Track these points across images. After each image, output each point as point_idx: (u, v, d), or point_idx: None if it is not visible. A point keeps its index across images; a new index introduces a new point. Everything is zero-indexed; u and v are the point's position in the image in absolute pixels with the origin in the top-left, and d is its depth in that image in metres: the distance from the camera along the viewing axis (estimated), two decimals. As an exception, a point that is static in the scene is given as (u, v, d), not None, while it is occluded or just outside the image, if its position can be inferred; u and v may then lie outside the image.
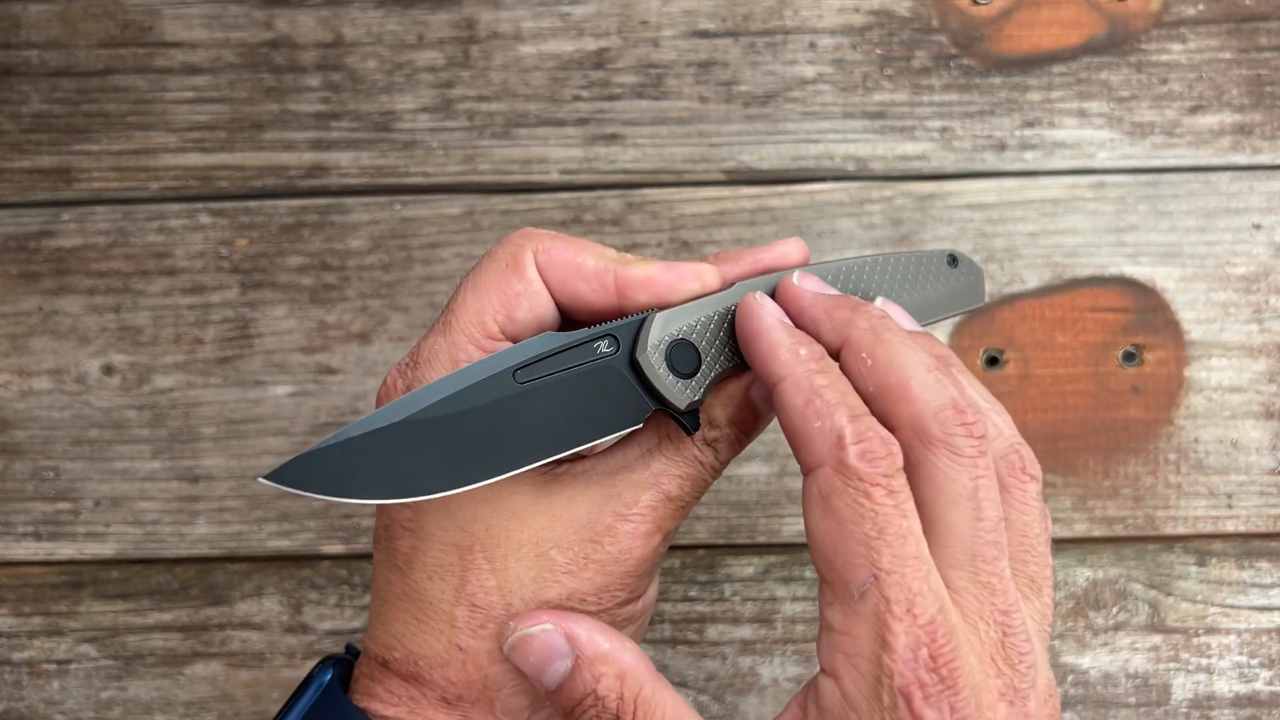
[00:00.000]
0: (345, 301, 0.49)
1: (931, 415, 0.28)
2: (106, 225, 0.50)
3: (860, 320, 0.30)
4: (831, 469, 0.28)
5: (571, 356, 0.31)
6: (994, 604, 0.28)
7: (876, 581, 0.27)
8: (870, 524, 0.27)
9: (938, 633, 0.26)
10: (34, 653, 0.49)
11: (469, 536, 0.32)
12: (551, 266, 0.32)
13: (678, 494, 0.32)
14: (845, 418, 0.28)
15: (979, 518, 0.28)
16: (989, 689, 0.27)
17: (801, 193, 0.49)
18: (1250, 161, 0.49)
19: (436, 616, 0.32)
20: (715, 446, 0.32)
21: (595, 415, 0.31)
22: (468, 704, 0.32)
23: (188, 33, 0.50)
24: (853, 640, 0.27)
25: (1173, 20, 0.49)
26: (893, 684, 0.26)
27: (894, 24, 0.49)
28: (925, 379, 0.29)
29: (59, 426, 0.49)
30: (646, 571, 0.32)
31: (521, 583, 0.31)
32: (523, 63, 0.49)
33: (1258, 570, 0.48)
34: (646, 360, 0.31)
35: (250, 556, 0.49)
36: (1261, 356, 0.48)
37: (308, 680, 0.34)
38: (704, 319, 0.32)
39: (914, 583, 0.27)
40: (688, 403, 0.31)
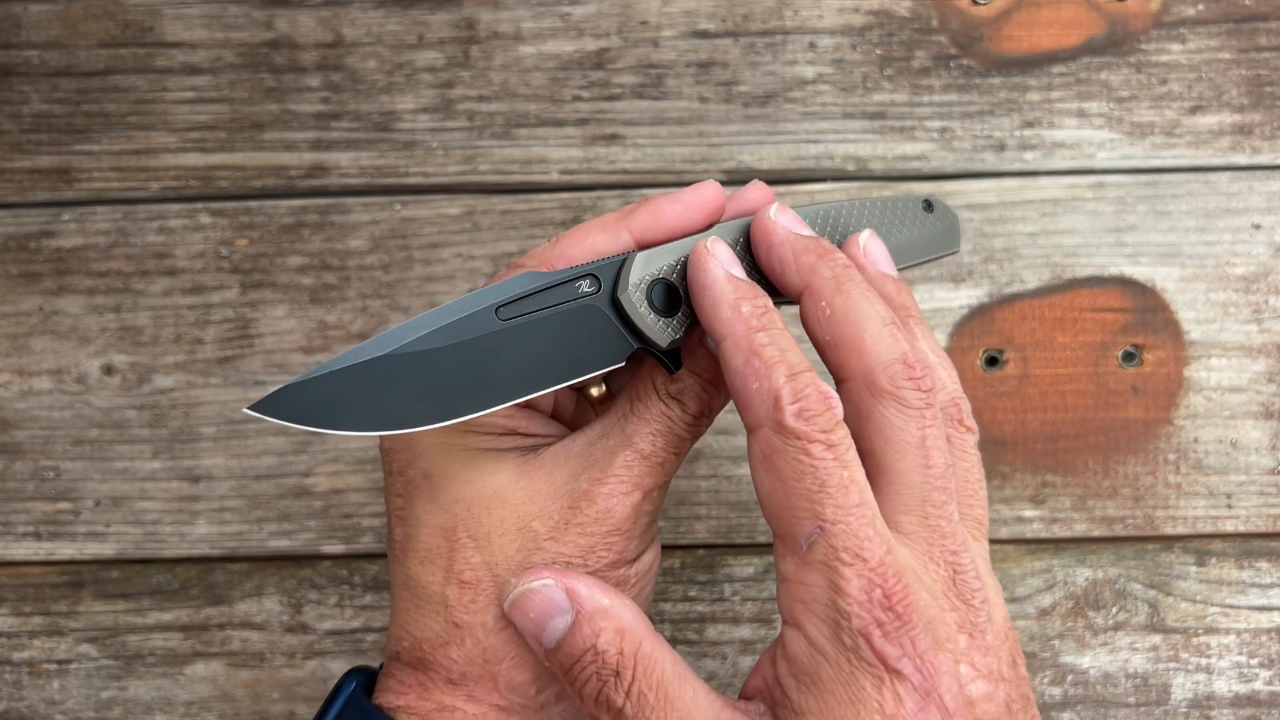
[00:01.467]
0: (345, 301, 0.49)
1: (881, 369, 0.29)
2: (107, 225, 0.50)
3: (824, 268, 0.31)
4: (770, 429, 0.28)
5: (553, 295, 0.31)
6: (944, 545, 0.29)
7: (822, 532, 0.27)
8: (811, 479, 0.28)
9: (888, 573, 0.27)
10: (34, 652, 0.49)
11: (452, 518, 0.32)
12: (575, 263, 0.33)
13: (650, 450, 0.32)
14: (783, 377, 0.28)
15: (927, 465, 0.29)
16: (945, 622, 0.28)
17: (801, 193, 0.49)
18: (1250, 161, 0.49)
19: (431, 599, 0.33)
20: (680, 399, 0.33)
21: (578, 353, 0.31)
22: (471, 681, 0.32)
23: (188, 33, 0.50)
24: (808, 589, 0.28)
25: (1172, 20, 0.49)
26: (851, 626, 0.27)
27: (894, 24, 0.49)
28: (879, 333, 0.29)
29: (59, 426, 0.49)
30: (630, 531, 0.32)
31: (506, 555, 0.32)
32: (523, 63, 0.49)
33: (1257, 570, 0.48)
34: (628, 299, 0.31)
35: (250, 556, 0.49)
36: (1261, 356, 0.48)
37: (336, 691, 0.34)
38: (684, 259, 0.32)
39: (859, 528, 0.27)
40: (669, 340, 0.32)
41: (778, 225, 0.32)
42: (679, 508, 0.49)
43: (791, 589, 0.28)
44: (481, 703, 0.32)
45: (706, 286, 0.30)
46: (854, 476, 0.28)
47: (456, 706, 0.32)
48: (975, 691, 0.27)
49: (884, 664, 0.27)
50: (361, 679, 0.35)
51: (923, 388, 0.29)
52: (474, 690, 0.32)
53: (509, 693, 0.32)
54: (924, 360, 0.30)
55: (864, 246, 0.34)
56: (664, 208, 0.33)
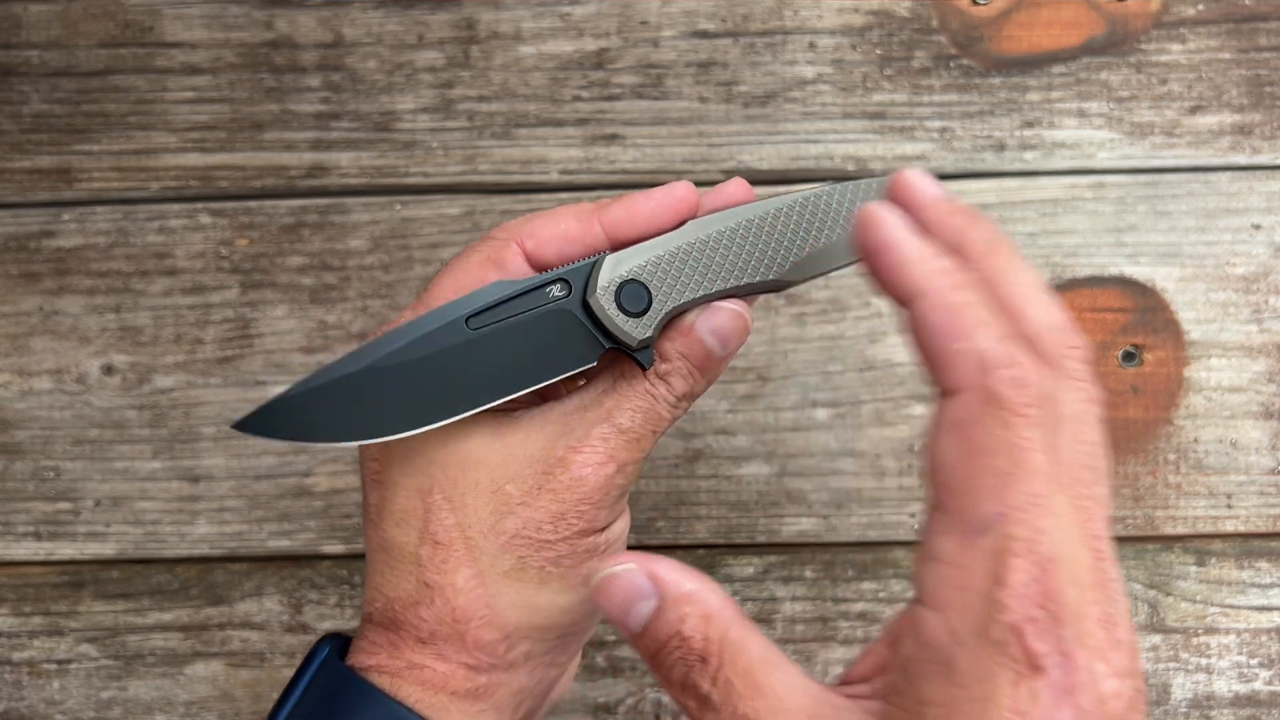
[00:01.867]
0: (345, 301, 0.49)
1: (1047, 334, 0.27)
2: (107, 225, 0.50)
3: (974, 231, 0.29)
4: (975, 395, 0.26)
5: (524, 302, 0.32)
6: (1089, 529, 0.27)
7: (1003, 518, 0.25)
8: (1006, 457, 0.26)
9: (1051, 570, 0.25)
10: (34, 652, 0.49)
11: (428, 480, 0.33)
12: (543, 247, 0.33)
13: (629, 426, 0.33)
14: (992, 340, 0.26)
15: (1080, 440, 0.27)
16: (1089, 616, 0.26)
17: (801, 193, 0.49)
18: (1250, 162, 0.49)
19: (405, 560, 0.33)
20: (667, 380, 0.33)
21: (550, 357, 0.32)
22: (440, 640, 0.33)
23: (188, 33, 0.50)
24: (965, 573, 0.26)
25: (1172, 20, 0.49)
26: (1004, 619, 0.25)
27: (894, 24, 0.49)
28: (1040, 298, 0.28)
29: (59, 426, 0.49)
30: (601, 501, 0.33)
31: (480, 517, 0.33)
32: (523, 63, 0.49)
33: (1257, 570, 0.48)
34: (596, 301, 0.32)
35: (250, 556, 0.49)
36: (1261, 356, 0.48)
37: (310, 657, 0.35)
38: (654, 258, 0.33)
39: (1040, 520, 0.25)
40: (639, 340, 0.32)
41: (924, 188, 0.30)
42: (679, 508, 0.49)
43: (944, 571, 0.26)
44: (450, 661, 0.33)
45: (893, 243, 0.28)
46: (1045, 462, 0.26)
47: (426, 664, 0.33)
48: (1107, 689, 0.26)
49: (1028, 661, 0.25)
50: (335, 644, 0.35)
51: (1084, 358, 0.28)
52: (443, 649, 0.33)
53: (477, 651, 0.33)
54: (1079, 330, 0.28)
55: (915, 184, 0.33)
56: (638, 204, 0.34)
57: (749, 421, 0.49)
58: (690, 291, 0.33)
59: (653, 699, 0.48)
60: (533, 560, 0.33)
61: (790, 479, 0.49)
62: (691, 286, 0.33)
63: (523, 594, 0.33)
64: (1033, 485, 0.26)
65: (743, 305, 0.34)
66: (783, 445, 0.49)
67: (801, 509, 0.49)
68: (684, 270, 0.33)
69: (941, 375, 0.27)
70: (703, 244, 0.33)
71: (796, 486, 0.49)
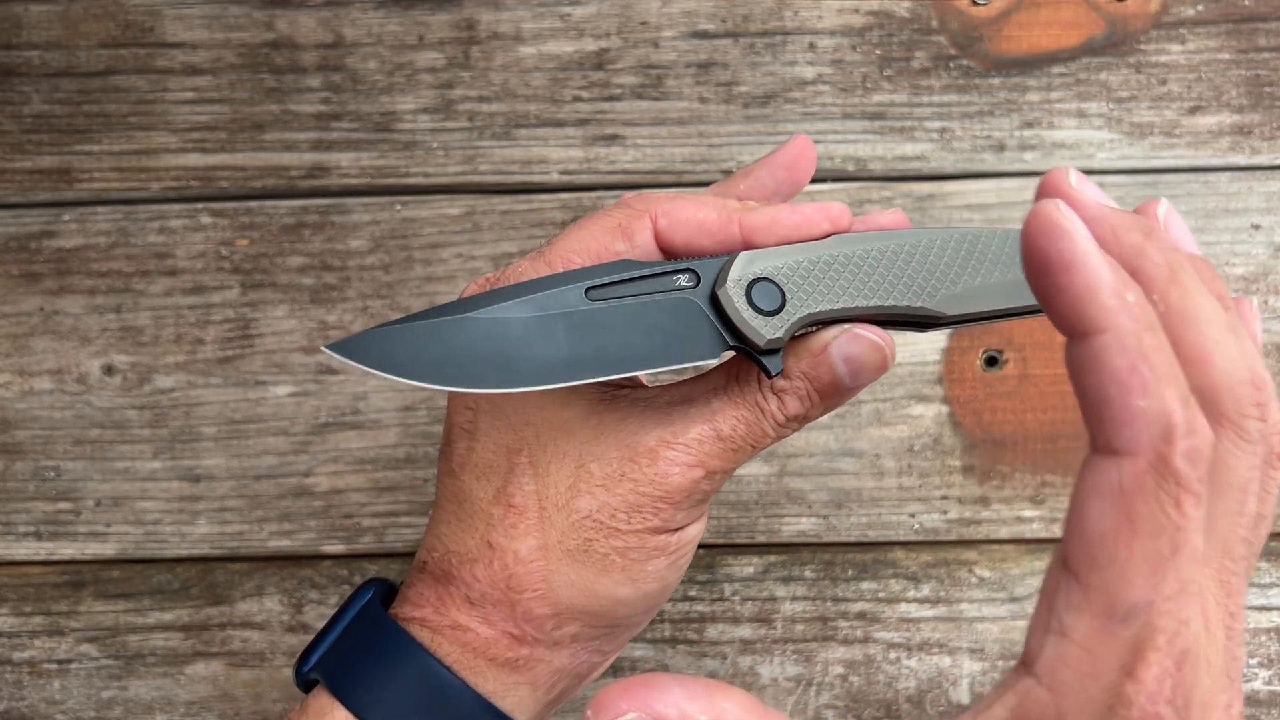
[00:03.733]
0: (346, 302, 0.49)
1: (1228, 390, 0.24)
2: (107, 225, 0.50)
3: (1155, 252, 0.25)
4: (1148, 464, 0.22)
5: (648, 285, 0.30)
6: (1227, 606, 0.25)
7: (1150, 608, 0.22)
8: (1168, 541, 0.22)
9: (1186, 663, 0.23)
10: (35, 652, 0.49)
11: (520, 440, 0.32)
12: (675, 229, 0.32)
13: (729, 434, 0.31)
14: (1178, 401, 0.22)
15: (1240, 512, 0.25)
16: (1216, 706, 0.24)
17: (801, 194, 0.49)
18: (1249, 162, 0.49)
19: (475, 514, 0.33)
20: (781, 396, 0.31)
21: (666, 344, 0.30)
22: (490, 604, 0.32)
23: (189, 33, 0.50)
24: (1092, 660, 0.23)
25: (1171, 21, 0.49)
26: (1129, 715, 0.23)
27: (893, 25, 0.49)
28: (1225, 340, 0.24)
29: (60, 426, 0.49)
30: (681, 503, 0.32)
31: (558, 489, 0.32)
32: (523, 63, 0.50)
33: (1257, 570, 0.48)
34: (726, 294, 0.30)
35: (251, 556, 0.49)
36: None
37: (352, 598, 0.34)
38: (792, 264, 0.30)
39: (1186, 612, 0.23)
40: (768, 340, 0.30)
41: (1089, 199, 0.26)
42: (679, 508, 0.49)
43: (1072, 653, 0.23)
44: (495, 627, 0.32)
45: (1078, 262, 0.23)
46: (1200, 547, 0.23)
47: (471, 627, 0.32)
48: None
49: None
50: (380, 588, 0.35)
51: (1266, 416, 0.24)
52: (490, 614, 0.32)
53: (524, 623, 0.32)
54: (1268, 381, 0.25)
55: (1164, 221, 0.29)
56: (783, 215, 0.32)
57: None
58: (829, 301, 0.30)
59: (653, 699, 0.48)
60: (599, 545, 0.32)
61: (790, 479, 0.49)
62: (831, 297, 0.30)
63: (582, 576, 0.32)
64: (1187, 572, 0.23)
65: (887, 339, 0.31)
66: (782, 445, 0.49)
67: (801, 509, 0.49)
68: (824, 279, 0.30)
69: (1109, 431, 0.23)
70: (847, 258, 0.31)
71: (796, 486, 0.49)
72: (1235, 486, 0.24)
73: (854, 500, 0.49)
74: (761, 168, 0.36)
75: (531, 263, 0.32)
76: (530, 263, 0.32)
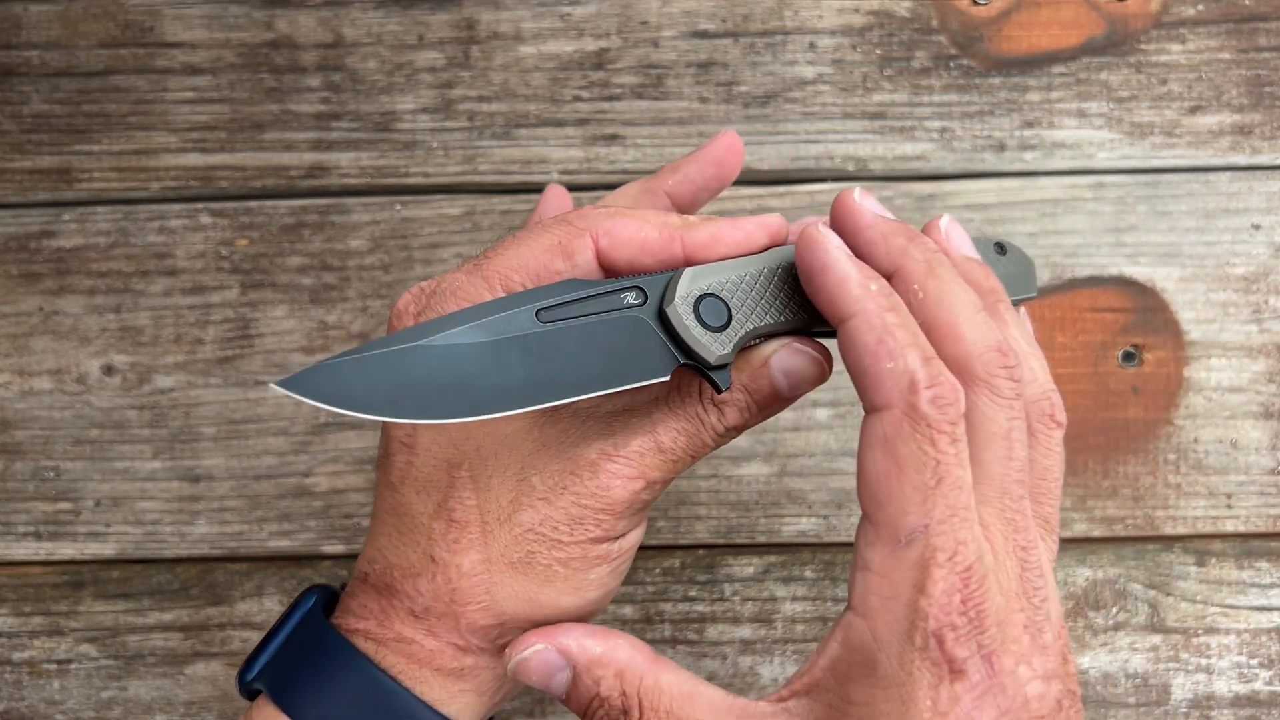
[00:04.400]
0: (345, 302, 0.49)
1: (977, 356, 0.29)
2: (107, 225, 0.50)
3: (915, 251, 0.30)
4: (901, 412, 0.27)
5: (597, 304, 0.30)
6: (1016, 540, 0.29)
7: (926, 531, 0.27)
8: (930, 472, 0.27)
9: (972, 578, 0.27)
10: (34, 652, 0.49)
11: (460, 454, 0.32)
12: (617, 248, 0.32)
13: (670, 446, 0.32)
14: (918, 360, 0.27)
15: (1010, 457, 0.29)
16: (1013, 623, 0.28)
17: (801, 193, 0.49)
18: (1249, 162, 0.49)
19: (416, 529, 0.33)
20: (721, 407, 0.32)
21: (618, 364, 0.30)
22: (434, 617, 0.33)
23: (188, 33, 0.50)
24: (890, 584, 0.27)
25: (1172, 21, 0.49)
26: (927, 626, 0.27)
27: (894, 24, 0.49)
28: (974, 318, 0.29)
29: (59, 426, 0.49)
30: (623, 514, 0.32)
31: (500, 504, 0.32)
32: (523, 63, 0.50)
33: (1257, 570, 0.48)
34: (674, 311, 0.30)
35: (251, 556, 0.49)
36: (1261, 357, 0.48)
37: (293, 607, 0.35)
38: (735, 278, 0.31)
39: (961, 531, 0.27)
40: (718, 357, 0.30)
41: (864, 210, 0.31)
42: (679, 508, 0.49)
43: (872, 580, 0.28)
44: (440, 639, 0.33)
45: (829, 265, 0.29)
46: (966, 477, 0.28)
47: (415, 639, 0.33)
48: (1031, 691, 0.27)
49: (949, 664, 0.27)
50: (322, 596, 0.35)
51: (1015, 377, 0.29)
52: (435, 626, 0.33)
53: (469, 634, 0.33)
54: (1015, 350, 0.30)
55: (945, 231, 0.34)
56: (725, 233, 0.32)
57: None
58: (772, 316, 0.31)
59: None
60: (542, 557, 0.32)
61: (790, 479, 0.49)
62: (774, 311, 0.31)
63: (525, 587, 0.32)
64: (955, 499, 0.27)
65: (825, 352, 0.33)
66: (782, 445, 0.49)
67: (801, 509, 0.49)
68: (765, 294, 0.31)
69: (869, 393, 0.28)
70: (787, 271, 0.32)
71: (796, 486, 0.49)
72: (999, 436, 0.29)
73: (854, 500, 0.49)
74: (689, 163, 0.38)
75: (468, 276, 0.32)
76: (466, 276, 0.32)
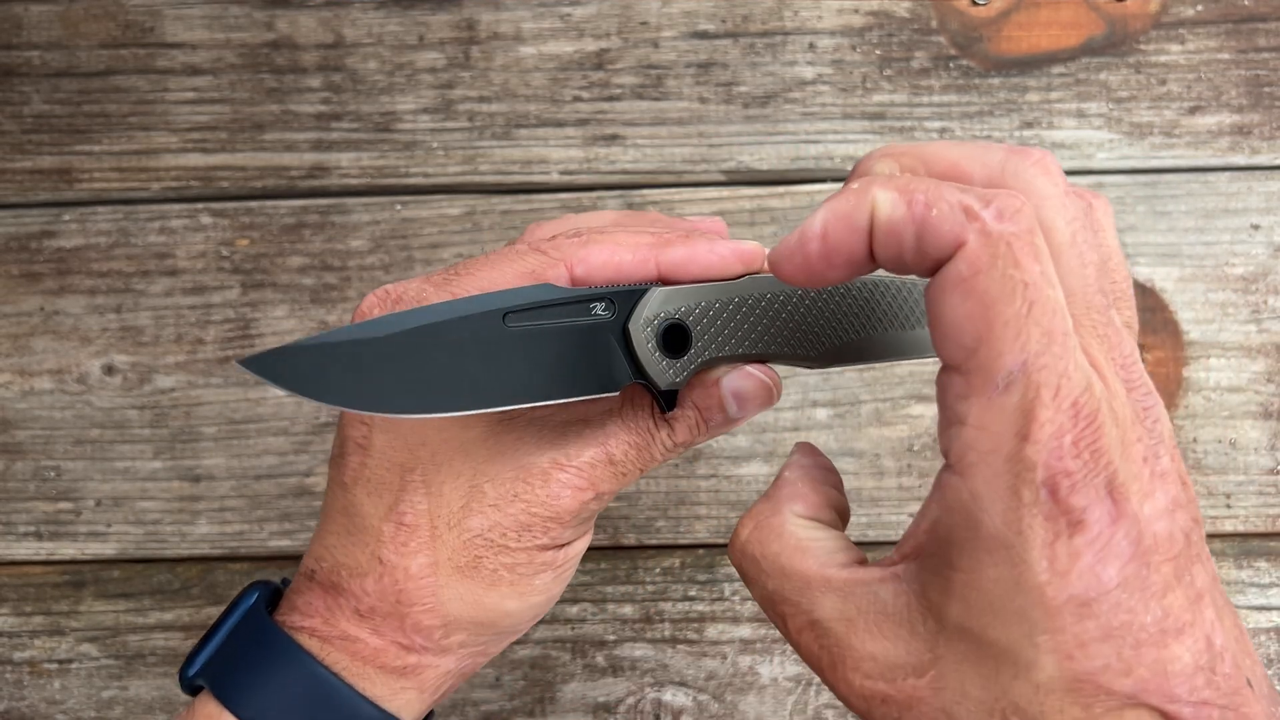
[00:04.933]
0: (346, 302, 0.49)
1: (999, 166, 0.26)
2: (108, 225, 0.50)
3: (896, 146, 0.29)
4: (975, 241, 0.24)
5: (566, 311, 0.31)
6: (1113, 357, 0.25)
7: (1024, 368, 0.23)
8: (1021, 299, 0.23)
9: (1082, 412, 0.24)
10: (35, 652, 0.49)
11: (414, 459, 0.33)
12: (592, 275, 0.32)
13: (620, 459, 0.32)
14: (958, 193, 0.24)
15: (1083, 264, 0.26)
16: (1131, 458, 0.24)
17: (801, 193, 0.49)
18: (1249, 162, 0.49)
19: (366, 530, 0.33)
20: (672, 424, 0.33)
21: (576, 373, 0.31)
22: (379, 617, 0.33)
23: (189, 33, 0.50)
24: (991, 435, 0.24)
25: (1171, 21, 0.49)
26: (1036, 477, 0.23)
27: (893, 25, 0.49)
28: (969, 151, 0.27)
29: (60, 426, 0.49)
30: (570, 523, 0.33)
31: (450, 509, 0.32)
32: (523, 64, 0.50)
33: (1256, 570, 0.48)
34: (635, 332, 0.31)
35: (251, 556, 0.49)
36: (1260, 356, 0.48)
37: (234, 603, 0.35)
38: (704, 305, 0.32)
39: (1064, 361, 0.24)
40: (668, 383, 0.31)
41: None
42: (679, 507, 0.49)
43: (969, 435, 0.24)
44: (385, 638, 0.33)
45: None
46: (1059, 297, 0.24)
47: (360, 638, 0.33)
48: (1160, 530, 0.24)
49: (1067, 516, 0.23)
50: (264, 592, 0.35)
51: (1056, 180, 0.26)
52: (380, 625, 0.33)
53: (413, 634, 0.33)
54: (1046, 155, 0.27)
55: None
56: (700, 254, 0.32)
57: (749, 421, 0.49)
58: (730, 347, 0.32)
59: (652, 698, 0.49)
60: (489, 562, 0.33)
61: (790, 479, 0.49)
62: (733, 343, 0.32)
63: (471, 591, 0.33)
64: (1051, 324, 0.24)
65: (774, 378, 0.33)
66: (783, 445, 0.49)
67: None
68: (729, 324, 0.32)
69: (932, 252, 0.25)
70: (755, 301, 0.32)
71: (796, 486, 0.49)
72: (1066, 244, 0.25)
73: (854, 500, 0.49)
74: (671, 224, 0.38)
75: (436, 289, 0.32)
76: (434, 288, 0.32)
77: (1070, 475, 0.23)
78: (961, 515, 0.25)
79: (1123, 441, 0.24)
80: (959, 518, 0.25)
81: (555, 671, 0.49)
